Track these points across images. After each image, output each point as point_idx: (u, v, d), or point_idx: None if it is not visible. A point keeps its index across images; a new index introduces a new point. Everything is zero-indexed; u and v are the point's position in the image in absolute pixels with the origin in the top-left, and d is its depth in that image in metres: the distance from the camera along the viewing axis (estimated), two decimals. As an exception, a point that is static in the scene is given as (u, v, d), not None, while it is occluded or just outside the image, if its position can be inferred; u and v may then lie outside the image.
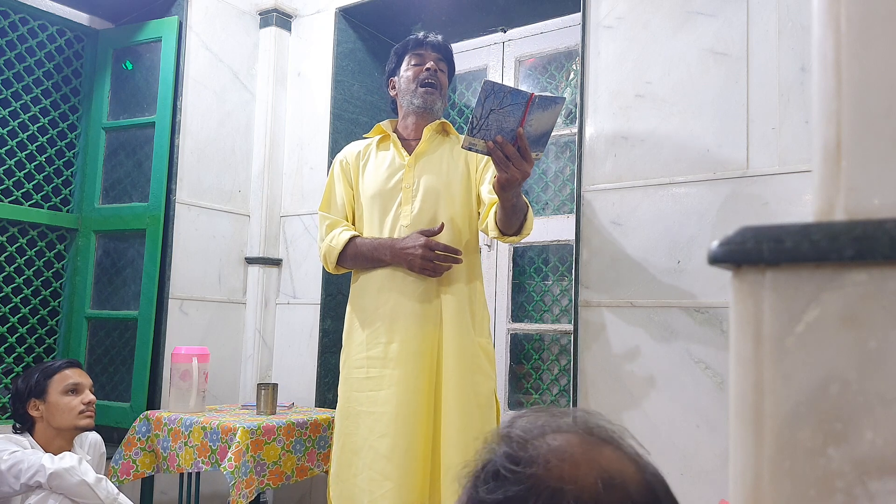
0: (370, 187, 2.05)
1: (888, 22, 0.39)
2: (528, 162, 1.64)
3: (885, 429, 0.35)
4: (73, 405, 2.06)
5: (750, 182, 1.95)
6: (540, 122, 1.63)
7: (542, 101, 1.59)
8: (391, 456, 1.85)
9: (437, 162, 2.03)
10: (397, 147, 2.07)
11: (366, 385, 1.94)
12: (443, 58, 2.10)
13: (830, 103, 0.40)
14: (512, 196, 1.73)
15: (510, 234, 1.88)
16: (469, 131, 1.60)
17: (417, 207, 1.98)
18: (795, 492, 0.36)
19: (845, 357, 0.36)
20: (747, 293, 0.39)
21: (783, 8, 1.94)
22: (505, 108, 1.57)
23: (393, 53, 2.15)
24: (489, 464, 0.61)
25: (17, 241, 2.71)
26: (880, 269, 0.35)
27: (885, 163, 0.38)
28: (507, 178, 1.66)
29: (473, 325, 1.96)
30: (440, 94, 2.07)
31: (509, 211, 1.79)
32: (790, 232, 0.37)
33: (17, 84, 2.75)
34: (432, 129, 2.06)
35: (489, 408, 1.93)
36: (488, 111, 1.57)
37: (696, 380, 1.95)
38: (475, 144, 1.63)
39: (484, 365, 1.95)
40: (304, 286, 2.90)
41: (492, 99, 1.56)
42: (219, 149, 2.89)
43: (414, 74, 2.05)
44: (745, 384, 0.38)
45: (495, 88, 1.55)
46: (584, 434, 0.61)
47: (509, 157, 1.63)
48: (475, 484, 0.61)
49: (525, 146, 1.63)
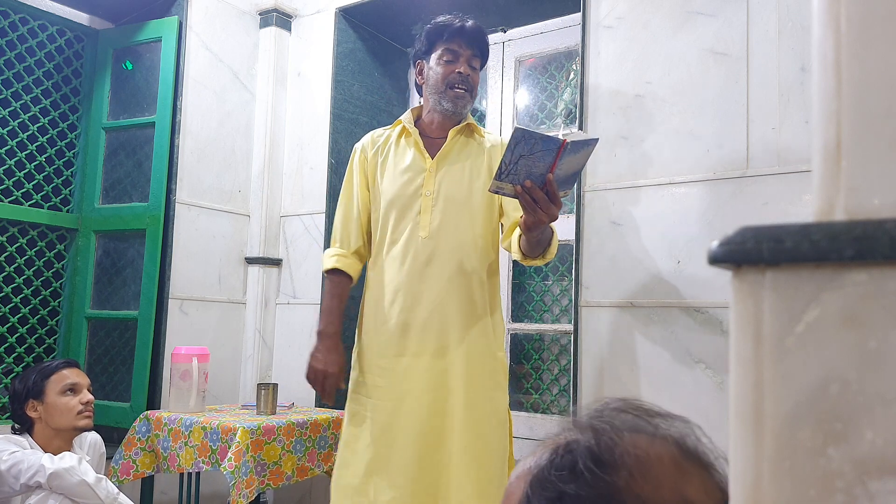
0: (388, 189, 1.96)
1: (888, 22, 0.39)
2: (556, 205, 1.61)
3: (885, 429, 0.35)
4: (71, 405, 2.05)
5: (750, 182, 1.95)
6: (571, 165, 1.59)
7: (575, 147, 1.54)
8: (401, 465, 1.82)
9: (459, 168, 1.94)
10: (419, 148, 1.96)
11: (372, 392, 1.91)
12: (478, 53, 1.97)
13: (830, 103, 0.40)
14: (537, 234, 1.70)
15: (534, 258, 1.84)
16: (497, 176, 1.56)
17: (438, 221, 1.90)
18: (795, 492, 0.36)
19: (845, 357, 0.36)
20: (747, 293, 0.39)
21: (783, 8, 1.94)
22: (535, 154, 1.53)
23: (424, 35, 1.99)
24: (569, 451, 0.56)
25: (17, 241, 2.71)
26: (880, 269, 0.35)
27: (885, 163, 0.38)
28: (534, 221, 1.63)
29: (495, 339, 1.91)
30: (471, 97, 1.96)
31: (534, 244, 1.76)
32: (790, 232, 0.37)
33: (17, 84, 2.75)
34: (458, 131, 1.97)
35: (502, 424, 1.89)
36: (518, 157, 1.52)
37: (696, 380, 1.95)
38: (503, 188, 1.59)
39: (501, 380, 1.91)
40: (304, 286, 2.90)
41: (522, 145, 1.51)
42: (219, 149, 2.89)
43: (444, 74, 1.93)
44: (745, 384, 0.38)
45: (526, 136, 1.50)
46: (679, 451, 0.56)
47: (537, 202, 1.59)
48: (550, 460, 0.57)
49: (554, 191, 1.58)
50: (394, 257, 1.92)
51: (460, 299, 1.87)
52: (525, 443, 2.61)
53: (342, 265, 1.99)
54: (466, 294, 1.88)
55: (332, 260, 2.01)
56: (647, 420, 0.59)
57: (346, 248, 2.01)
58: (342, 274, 2.00)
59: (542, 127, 2.78)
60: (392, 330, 1.89)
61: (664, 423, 0.59)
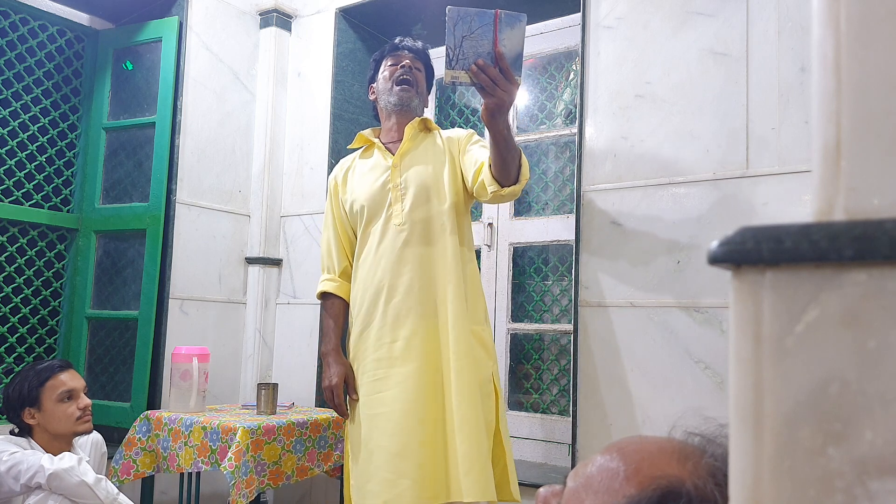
0: (359, 195, 2.05)
1: (888, 22, 0.39)
2: (512, 83, 1.63)
3: (884, 429, 0.35)
4: (69, 412, 2.03)
5: (750, 182, 1.95)
6: (511, 42, 1.62)
7: (508, 18, 1.60)
8: (405, 453, 1.83)
9: (422, 157, 2.03)
10: (381, 150, 2.07)
11: (375, 388, 1.93)
12: (419, 59, 2.12)
13: (830, 103, 0.40)
14: (502, 126, 1.69)
15: (508, 184, 1.80)
16: (448, 64, 1.60)
17: (409, 205, 1.97)
18: (795, 492, 0.36)
19: (845, 357, 0.36)
20: (747, 293, 0.39)
21: (783, 8, 1.94)
22: (475, 31, 1.58)
23: (372, 61, 2.18)
24: (719, 455, 0.54)
25: (17, 241, 2.71)
26: (880, 269, 0.35)
27: (884, 163, 0.38)
28: (495, 102, 1.63)
29: (467, 312, 1.95)
30: (416, 91, 2.08)
31: (502, 147, 1.73)
32: (790, 232, 0.37)
33: (17, 84, 2.75)
34: (413, 127, 2.06)
35: (488, 395, 1.93)
36: (460, 39, 1.58)
37: (696, 380, 1.95)
38: (457, 77, 1.62)
39: (478, 353, 1.94)
40: (305, 286, 2.90)
41: (460, 25, 1.57)
42: (219, 149, 2.89)
43: (390, 74, 2.08)
44: (744, 384, 0.38)
45: (461, 13, 1.57)
46: None
47: (494, 80, 1.61)
48: (712, 443, 0.55)
49: (507, 66, 1.61)
50: (373, 252, 2.00)
51: (439, 277, 1.94)
52: (525, 442, 2.61)
53: (330, 288, 2.12)
54: (443, 271, 1.94)
55: (321, 286, 2.14)
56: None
57: (333, 272, 2.14)
58: (332, 296, 2.12)
59: (542, 127, 2.78)
60: (383, 320, 1.95)
61: None
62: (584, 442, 2.12)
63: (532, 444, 2.60)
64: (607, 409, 2.09)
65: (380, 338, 1.94)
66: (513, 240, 2.73)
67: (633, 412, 2.04)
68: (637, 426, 2.02)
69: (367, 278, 2.00)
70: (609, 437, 2.07)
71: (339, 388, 1.99)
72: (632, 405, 2.04)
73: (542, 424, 2.59)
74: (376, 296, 1.97)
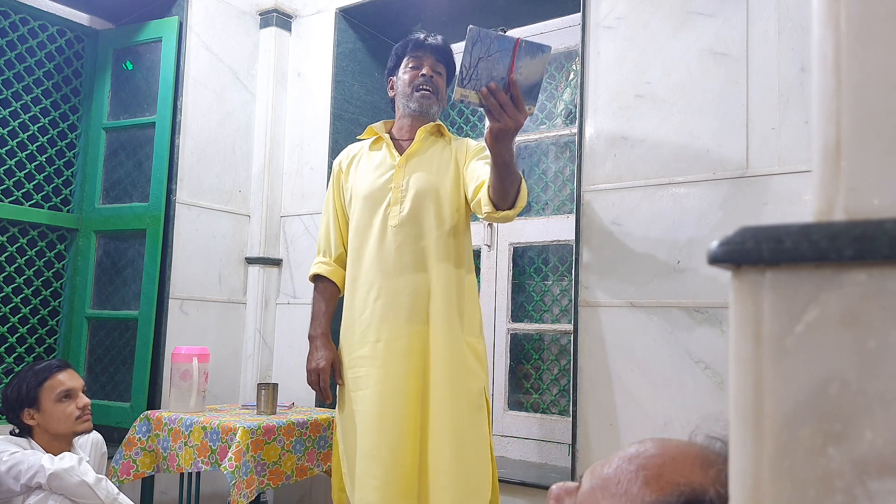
0: (360, 188, 2.06)
1: (888, 22, 0.39)
2: (521, 111, 1.60)
3: (884, 429, 0.35)
4: (68, 412, 2.03)
5: (750, 182, 1.95)
6: (529, 71, 1.60)
7: (529, 47, 1.58)
8: (375, 454, 1.87)
9: (428, 162, 2.03)
10: (389, 148, 2.08)
11: (355, 384, 1.98)
12: (441, 60, 2.10)
13: (830, 103, 0.40)
14: (505, 151, 1.67)
15: (504, 208, 1.80)
16: (459, 82, 1.58)
17: (407, 209, 1.98)
18: (795, 492, 0.36)
19: (845, 357, 0.36)
20: (747, 293, 0.39)
21: (783, 8, 1.94)
22: (493, 55, 1.56)
23: (393, 53, 2.15)
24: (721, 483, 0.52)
25: (17, 241, 2.71)
26: (880, 269, 0.35)
27: (885, 163, 0.38)
28: (500, 126, 1.61)
29: (462, 324, 1.95)
30: (436, 98, 2.08)
31: (503, 171, 1.71)
32: (790, 232, 0.37)
33: (17, 84, 2.75)
34: (426, 130, 2.06)
35: (479, 407, 1.93)
36: (476, 60, 1.56)
37: (696, 380, 1.95)
38: (467, 96, 1.60)
39: (472, 364, 1.94)
40: (305, 286, 2.90)
41: (479, 46, 1.55)
42: (219, 149, 2.89)
43: (410, 78, 2.06)
44: (744, 384, 0.38)
45: (481, 35, 1.54)
46: None
47: (503, 105, 1.59)
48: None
49: (518, 94, 1.59)
50: (367, 249, 2.01)
51: (433, 285, 1.94)
52: (525, 443, 2.61)
53: (323, 271, 2.12)
54: (437, 279, 1.94)
55: (314, 267, 2.15)
56: None
57: (328, 256, 2.14)
58: (325, 279, 2.13)
59: (542, 127, 2.78)
60: (369, 318, 1.96)
61: None
62: (583, 442, 2.12)
63: (532, 444, 2.60)
64: (607, 409, 2.09)
65: (364, 335, 1.97)
66: (513, 240, 2.73)
67: (633, 412, 2.04)
68: (637, 426, 2.02)
69: (359, 273, 2.02)
70: (609, 438, 2.07)
71: (326, 373, 2.02)
72: (632, 405, 2.04)
73: (541, 424, 2.59)
74: (366, 293, 1.99)
